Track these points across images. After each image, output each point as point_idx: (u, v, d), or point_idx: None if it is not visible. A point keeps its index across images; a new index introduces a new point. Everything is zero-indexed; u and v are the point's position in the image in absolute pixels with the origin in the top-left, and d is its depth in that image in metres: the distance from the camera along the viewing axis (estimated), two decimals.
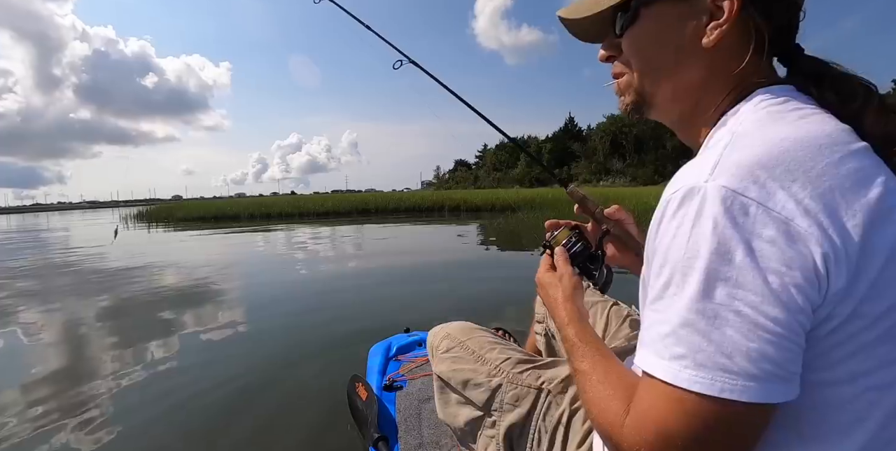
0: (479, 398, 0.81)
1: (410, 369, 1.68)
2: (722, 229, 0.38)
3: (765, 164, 0.39)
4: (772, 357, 0.37)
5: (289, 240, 9.28)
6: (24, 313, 3.70)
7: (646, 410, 0.42)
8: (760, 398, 0.37)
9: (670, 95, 0.56)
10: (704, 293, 0.38)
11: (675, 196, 0.42)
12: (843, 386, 0.40)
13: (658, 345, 0.41)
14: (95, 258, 6.86)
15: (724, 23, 0.49)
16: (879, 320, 0.39)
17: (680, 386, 0.39)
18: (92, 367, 2.43)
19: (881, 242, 0.39)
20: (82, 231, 14.74)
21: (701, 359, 0.38)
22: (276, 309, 3.56)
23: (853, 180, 0.39)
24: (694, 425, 0.39)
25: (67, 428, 1.76)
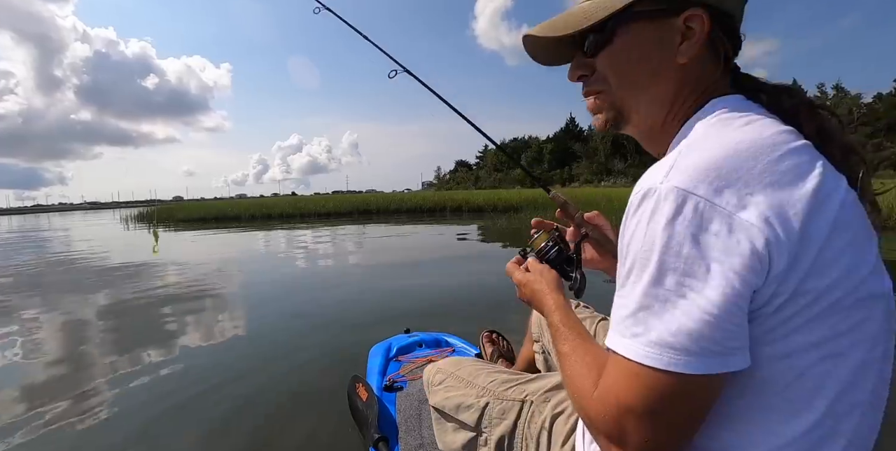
0: (471, 419, 0.85)
1: (411, 370, 1.68)
2: (672, 225, 0.44)
3: (712, 166, 0.45)
4: (710, 336, 0.43)
5: (290, 241, 9.25)
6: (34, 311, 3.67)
7: (610, 382, 0.48)
8: (700, 370, 0.43)
9: (645, 109, 0.60)
10: (657, 281, 0.44)
11: (636, 197, 0.48)
12: (799, 357, 0.45)
13: (620, 326, 0.47)
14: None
15: (696, 42, 0.55)
16: (823, 295, 0.44)
17: (636, 360, 0.45)
18: (94, 367, 2.42)
19: (818, 227, 0.43)
20: (107, 238, 11.85)
21: (653, 337, 0.44)
22: (277, 309, 3.56)
23: (792, 175, 0.45)
24: (648, 394, 0.45)
25: (69, 428, 1.76)
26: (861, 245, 0.47)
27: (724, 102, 0.55)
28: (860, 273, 0.46)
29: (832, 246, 0.44)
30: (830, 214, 0.45)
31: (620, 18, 0.57)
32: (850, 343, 0.46)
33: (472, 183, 72.08)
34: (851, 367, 0.46)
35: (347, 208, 17.74)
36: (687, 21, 0.55)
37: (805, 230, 0.43)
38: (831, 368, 0.46)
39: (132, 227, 15.44)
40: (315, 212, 17.50)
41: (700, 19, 0.54)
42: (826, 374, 0.46)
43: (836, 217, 0.45)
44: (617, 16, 0.57)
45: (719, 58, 0.58)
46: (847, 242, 0.45)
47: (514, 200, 15.93)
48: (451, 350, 1.87)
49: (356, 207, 17.83)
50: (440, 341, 1.97)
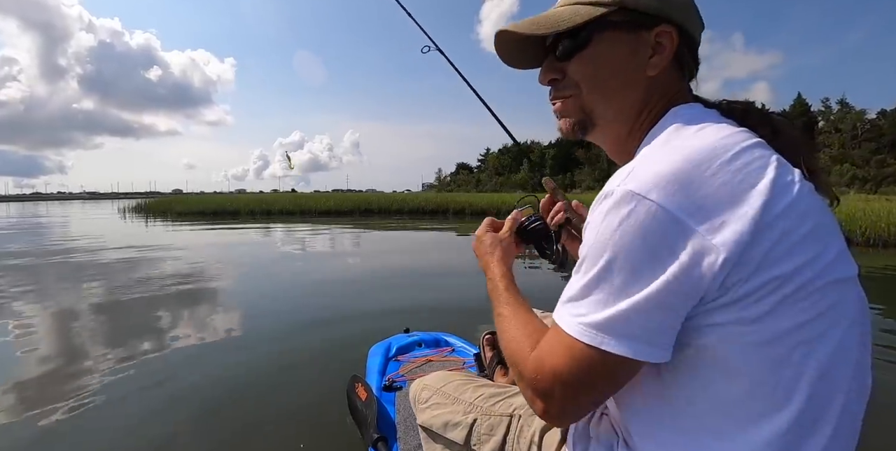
0: (459, 437, 0.84)
1: (410, 370, 1.65)
2: (624, 226, 0.47)
3: (667, 172, 0.47)
4: (647, 326, 0.47)
5: (290, 239, 9.17)
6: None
7: (547, 349, 0.54)
8: (632, 353, 0.48)
9: (612, 116, 0.63)
10: (603, 275, 0.49)
11: (598, 198, 0.51)
12: (775, 345, 0.47)
13: (567, 305, 0.52)
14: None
15: (665, 56, 0.58)
16: (791, 278, 0.46)
17: (574, 336, 0.50)
18: (91, 365, 2.36)
19: (776, 217, 0.46)
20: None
21: (592, 319, 0.49)
22: (276, 309, 3.50)
23: (744, 173, 0.47)
24: (577, 365, 0.50)
25: (71, 427, 1.73)
26: (824, 232, 0.49)
27: (682, 109, 0.59)
28: (827, 258, 0.48)
29: (794, 233, 0.46)
30: (787, 204, 0.46)
31: (597, 25, 0.59)
32: (827, 326, 0.48)
33: (472, 186, 71.99)
34: (830, 351, 0.48)
35: (349, 207, 17.54)
36: (658, 36, 0.58)
37: (761, 222, 0.45)
38: (810, 351, 0.47)
39: (129, 219, 15.18)
40: (316, 209, 17.31)
41: (670, 35, 0.58)
42: (805, 359, 0.47)
43: (794, 206, 0.47)
44: (594, 22, 0.59)
45: (683, 74, 0.62)
46: (809, 229, 0.47)
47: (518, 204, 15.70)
48: (451, 350, 1.84)
49: (357, 205, 17.62)
50: (439, 340, 1.95)
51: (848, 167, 39.65)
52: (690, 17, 0.61)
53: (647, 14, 0.58)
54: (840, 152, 44.40)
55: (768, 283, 0.46)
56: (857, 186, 35.03)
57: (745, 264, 0.45)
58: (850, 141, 46.73)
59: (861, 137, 46.45)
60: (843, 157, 43.00)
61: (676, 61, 0.61)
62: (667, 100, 0.61)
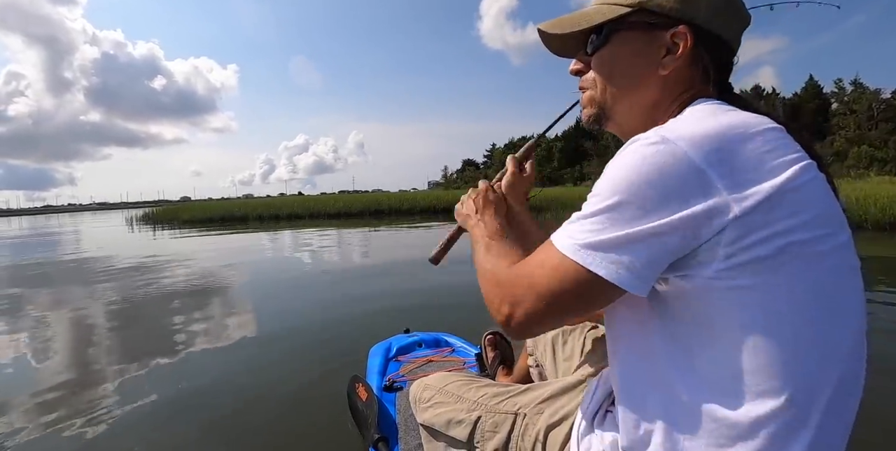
0: (463, 434, 0.82)
1: (410, 370, 1.64)
2: (647, 162, 0.48)
3: (701, 130, 0.49)
4: (639, 259, 0.49)
5: (297, 242, 9.02)
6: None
7: (533, 262, 0.57)
8: (615, 279, 0.49)
9: (627, 112, 0.66)
10: (615, 206, 0.50)
11: (627, 143, 0.53)
12: (789, 315, 0.48)
13: (569, 227, 0.54)
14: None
15: (678, 57, 0.60)
16: (802, 250, 0.47)
17: (565, 253, 0.52)
18: (96, 367, 2.39)
19: (793, 190, 0.47)
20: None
21: (587, 240, 0.51)
22: (277, 309, 3.52)
23: (773, 145, 0.49)
24: (557, 280, 0.53)
25: (74, 426, 1.74)
26: (836, 218, 0.51)
27: (706, 100, 0.60)
28: (839, 239, 0.50)
29: (810, 209, 0.48)
30: (806, 181, 0.48)
31: (616, 25, 0.62)
32: (837, 303, 0.49)
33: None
34: (837, 329, 0.49)
35: (358, 208, 17.14)
36: (673, 37, 0.60)
37: (781, 191, 0.46)
38: (819, 327, 0.48)
39: (136, 228, 14.91)
40: (325, 212, 16.93)
41: (684, 36, 0.59)
42: (814, 334, 0.48)
43: (812, 185, 0.49)
44: (613, 22, 0.62)
45: (700, 73, 0.63)
46: (822, 210, 0.49)
47: (534, 200, 15.20)
48: (451, 350, 1.83)
49: (367, 206, 17.22)
50: (440, 340, 1.93)
51: (866, 149, 38.62)
52: (719, 17, 0.61)
53: (666, 15, 0.60)
54: (857, 134, 43.29)
55: (787, 248, 0.47)
56: (876, 167, 34.06)
57: (765, 226, 0.46)
58: (866, 122, 45.54)
59: (877, 117, 45.24)
60: (860, 138, 41.91)
61: (694, 61, 0.62)
62: (683, 98, 0.62)
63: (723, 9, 0.61)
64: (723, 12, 0.61)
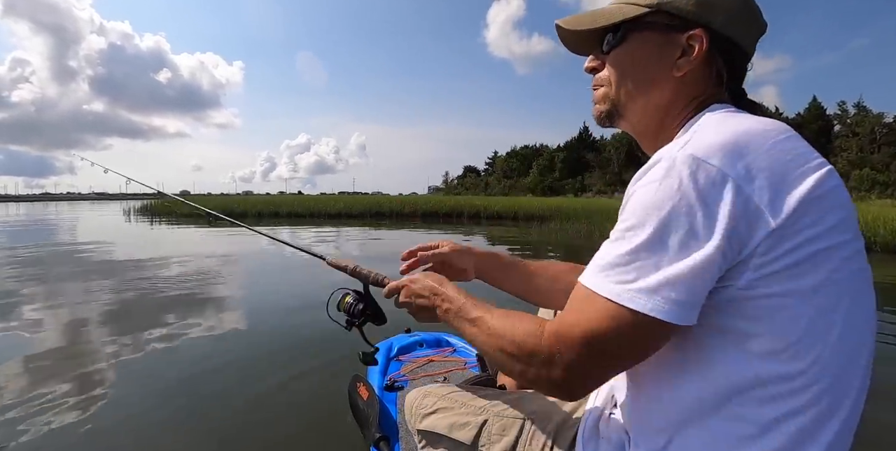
0: (467, 437, 0.80)
1: (412, 370, 1.64)
2: (685, 187, 0.48)
3: (727, 141, 0.49)
4: (696, 291, 0.48)
5: (297, 241, 8.97)
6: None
7: (578, 321, 0.52)
8: (677, 319, 0.48)
9: (640, 111, 0.66)
10: (659, 237, 0.48)
11: (650, 163, 0.52)
12: (816, 321, 0.48)
13: (610, 271, 0.51)
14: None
15: (693, 59, 0.61)
16: (830, 257, 0.48)
17: (619, 303, 0.49)
18: (92, 363, 2.33)
19: (818, 197, 0.48)
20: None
21: (643, 285, 0.48)
22: (278, 308, 3.45)
23: (795, 153, 0.50)
24: (616, 333, 0.49)
25: (67, 423, 1.70)
26: (854, 225, 0.51)
27: (721, 105, 0.61)
28: (857, 245, 0.51)
29: (833, 215, 0.49)
30: (829, 188, 0.49)
31: (633, 25, 0.63)
32: (854, 309, 0.50)
33: (481, 189, 71.44)
34: (852, 337, 0.50)
35: (359, 209, 16.91)
36: (689, 39, 0.60)
37: (808, 198, 0.47)
38: (838, 334, 0.49)
39: (134, 220, 14.75)
40: (325, 212, 16.72)
41: (700, 39, 0.60)
42: (833, 341, 0.49)
43: (835, 192, 0.50)
44: (630, 22, 0.63)
45: (714, 77, 0.63)
46: (845, 216, 0.50)
47: (536, 209, 15.12)
48: (452, 350, 1.81)
49: (368, 208, 17.00)
50: (441, 340, 1.92)
51: (868, 172, 38.76)
52: (736, 22, 0.61)
53: (682, 17, 0.60)
54: (858, 157, 43.49)
55: (814, 256, 0.47)
56: (878, 191, 34.12)
57: (793, 236, 0.47)
58: (868, 145, 45.73)
59: (880, 140, 45.44)
60: (862, 161, 42.09)
61: (708, 64, 0.62)
62: (697, 100, 0.63)
63: (739, 14, 0.61)
64: (739, 18, 0.61)
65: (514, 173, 72.31)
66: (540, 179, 63.04)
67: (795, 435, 0.48)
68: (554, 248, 8.13)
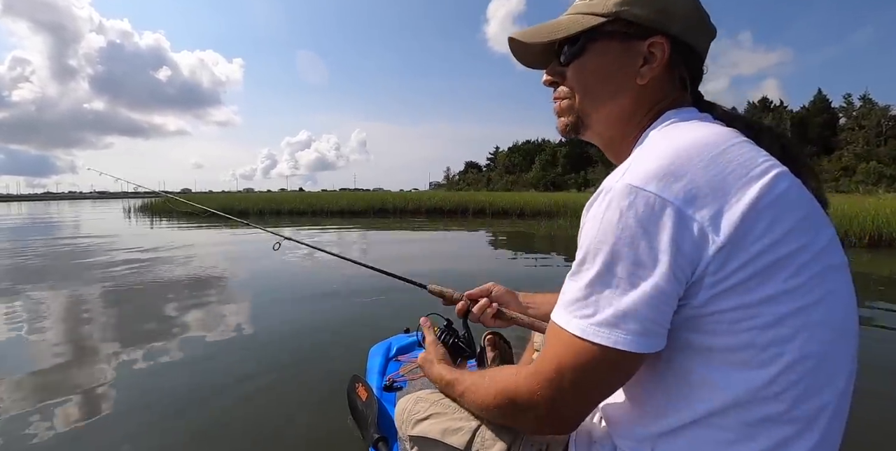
0: (461, 442, 0.79)
1: (410, 370, 1.63)
2: (625, 218, 0.48)
3: (662, 165, 0.49)
4: (653, 319, 0.48)
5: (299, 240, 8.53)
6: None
7: (550, 356, 0.53)
8: (643, 349, 0.49)
9: (604, 120, 0.65)
10: (609, 269, 0.49)
11: (594, 196, 0.53)
12: (778, 328, 0.48)
13: (571, 307, 0.52)
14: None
15: (656, 67, 0.61)
16: (783, 267, 0.47)
17: (584, 338, 0.50)
18: (91, 363, 2.31)
19: (766, 206, 0.47)
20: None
21: (601, 318, 0.49)
22: (277, 309, 3.41)
23: (736, 164, 0.49)
24: (589, 366, 0.50)
25: (66, 423, 1.69)
26: (814, 221, 0.50)
27: (676, 112, 0.61)
28: (819, 244, 0.50)
29: (786, 220, 0.48)
30: (777, 194, 0.48)
31: (592, 35, 0.62)
32: (825, 310, 0.49)
33: (483, 184, 71.10)
34: (828, 337, 0.49)
35: (362, 206, 16.64)
36: (650, 47, 0.60)
37: (753, 210, 0.46)
38: (810, 337, 0.48)
39: (134, 219, 14.53)
40: (328, 209, 16.47)
41: (662, 46, 0.60)
42: (804, 344, 0.48)
43: (784, 196, 0.48)
44: (589, 32, 0.62)
45: (676, 82, 0.64)
46: (800, 217, 0.49)
47: (543, 205, 14.82)
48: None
49: (371, 205, 16.73)
50: None
51: (875, 165, 38.35)
52: (692, 28, 0.62)
53: (641, 25, 0.60)
54: (865, 150, 43.05)
55: (768, 267, 0.47)
56: (885, 184, 33.76)
57: (742, 250, 0.47)
58: (874, 138, 45.25)
59: (886, 133, 44.96)
60: (868, 154, 41.65)
61: (670, 71, 0.62)
62: (659, 107, 0.62)
63: (694, 21, 0.62)
64: (694, 24, 0.62)
65: (517, 169, 71.95)
66: (542, 174, 62.68)
67: (776, 439, 0.49)
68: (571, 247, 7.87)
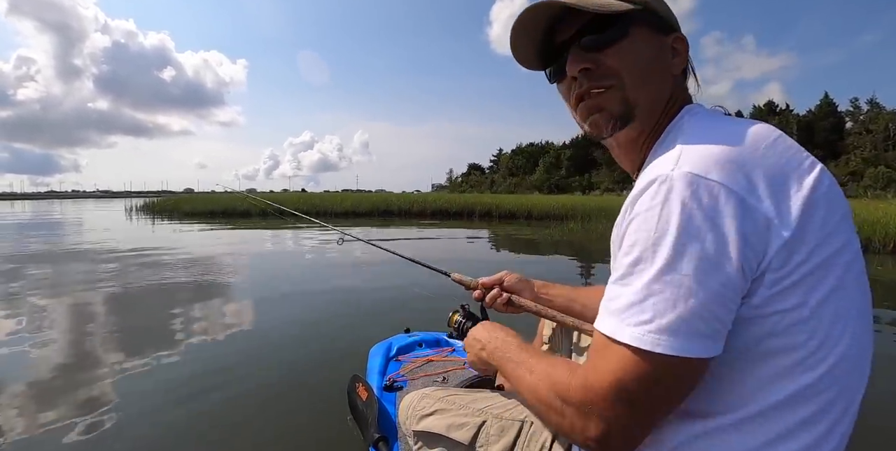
0: (465, 437, 0.79)
1: (411, 370, 1.61)
2: (690, 209, 0.44)
3: (721, 152, 0.47)
4: (723, 318, 0.45)
5: (300, 241, 8.60)
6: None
7: (604, 372, 0.47)
8: (712, 352, 0.45)
9: (650, 107, 0.60)
10: (672, 266, 0.44)
11: (644, 185, 0.48)
12: (826, 328, 0.46)
13: (624, 314, 0.46)
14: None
15: (683, 60, 0.63)
16: (835, 262, 0.46)
17: (643, 348, 0.44)
18: (95, 361, 2.31)
19: (820, 196, 0.46)
20: None
21: (664, 323, 0.44)
22: (278, 308, 3.37)
23: (788, 155, 0.48)
24: (650, 381, 0.45)
25: (69, 420, 1.69)
26: (850, 220, 0.50)
27: (696, 107, 0.61)
28: (856, 243, 0.49)
29: (835, 213, 0.47)
30: (827, 186, 0.47)
31: (633, 19, 0.59)
32: (857, 309, 0.48)
33: (486, 186, 70.83)
34: (854, 341, 0.48)
35: (366, 208, 16.38)
36: (674, 42, 0.62)
37: (811, 200, 0.45)
38: (841, 337, 0.47)
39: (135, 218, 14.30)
40: (332, 210, 16.20)
41: (683, 43, 0.62)
42: (835, 348, 0.47)
43: (831, 189, 0.48)
44: (629, 16, 0.59)
45: (687, 80, 0.65)
46: (844, 212, 0.48)
47: (551, 208, 14.54)
48: (451, 350, 1.77)
49: (376, 206, 16.46)
50: (440, 340, 1.87)
51: (883, 170, 37.95)
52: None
53: (664, 20, 0.61)
54: (873, 154, 42.66)
55: (824, 263, 0.45)
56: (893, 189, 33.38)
57: (803, 244, 0.45)
58: (882, 142, 44.84)
59: (894, 138, 44.53)
60: (876, 159, 41.26)
61: (685, 68, 0.64)
62: (681, 100, 0.62)
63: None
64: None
65: (520, 171, 71.66)
66: (546, 176, 62.41)
67: (808, 441, 0.47)
68: (590, 251, 7.61)
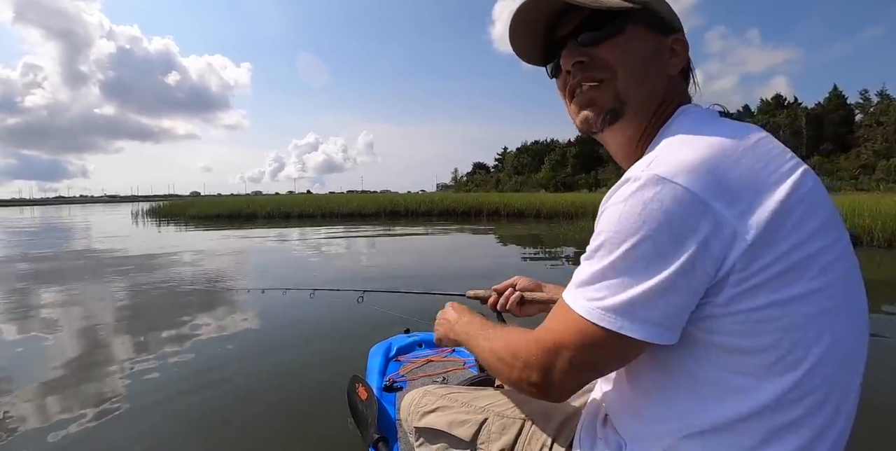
0: (467, 434, 0.80)
1: (410, 370, 1.62)
2: (649, 209, 0.47)
3: (693, 158, 0.47)
4: (665, 311, 0.48)
5: (306, 243, 8.57)
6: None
7: (553, 330, 0.54)
8: (648, 337, 0.48)
9: (641, 104, 0.61)
10: (625, 258, 0.48)
11: (618, 184, 0.51)
12: (803, 328, 0.48)
13: (582, 288, 0.52)
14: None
15: (681, 60, 0.63)
16: (810, 265, 0.47)
17: (591, 320, 0.50)
18: (98, 361, 2.35)
19: (796, 202, 0.47)
20: None
21: (610, 303, 0.49)
22: (278, 309, 3.41)
23: (767, 160, 0.49)
24: (588, 347, 0.51)
25: (75, 419, 1.73)
26: (836, 222, 0.50)
27: (691, 107, 0.61)
28: (842, 244, 0.50)
29: (814, 218, 0.47)
30: (807, 190, 0.48)
31: (630, 17, 0.60)
32: (844, 308, 0.49)
33: (492, 185, 70.52)
34: (845, 336, 0.49)
35: (373, 209, 16.24)
36: (673, 43, 0.62)
37: (784, 206, 0.46)
38: (825, 334, 0.48)
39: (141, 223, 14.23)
40: (338, 212, 16.09)
41: (683, 44, 0.63)
42: (819, 344, 0.48)
43: (812, 193, 0.48)
44: (626, 13, 0.60)
45: (687, 81, 0.66)
46: (826, 215, 0.49)
47: (560, 206, 14.31)
48: (451, 350, 1.75)
49: (382, 207, 16.31)
50: None
51: (895, 162, 37.31)
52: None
53: (664, 21, 0.62)
54: (884, 147, 42.00)
55: (797, 265, 0.46)
56: None
57: (772, 247, 0.46)
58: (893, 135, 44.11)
59: None
60: (888, 151, 40.62)
61: (684, 69, 0.64)
62: (677, 100, 0.63)
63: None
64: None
65: (525, 169, 71.31)
66: (552, 174, 62.03)
67: (794, 445, 0.48)
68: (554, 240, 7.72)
